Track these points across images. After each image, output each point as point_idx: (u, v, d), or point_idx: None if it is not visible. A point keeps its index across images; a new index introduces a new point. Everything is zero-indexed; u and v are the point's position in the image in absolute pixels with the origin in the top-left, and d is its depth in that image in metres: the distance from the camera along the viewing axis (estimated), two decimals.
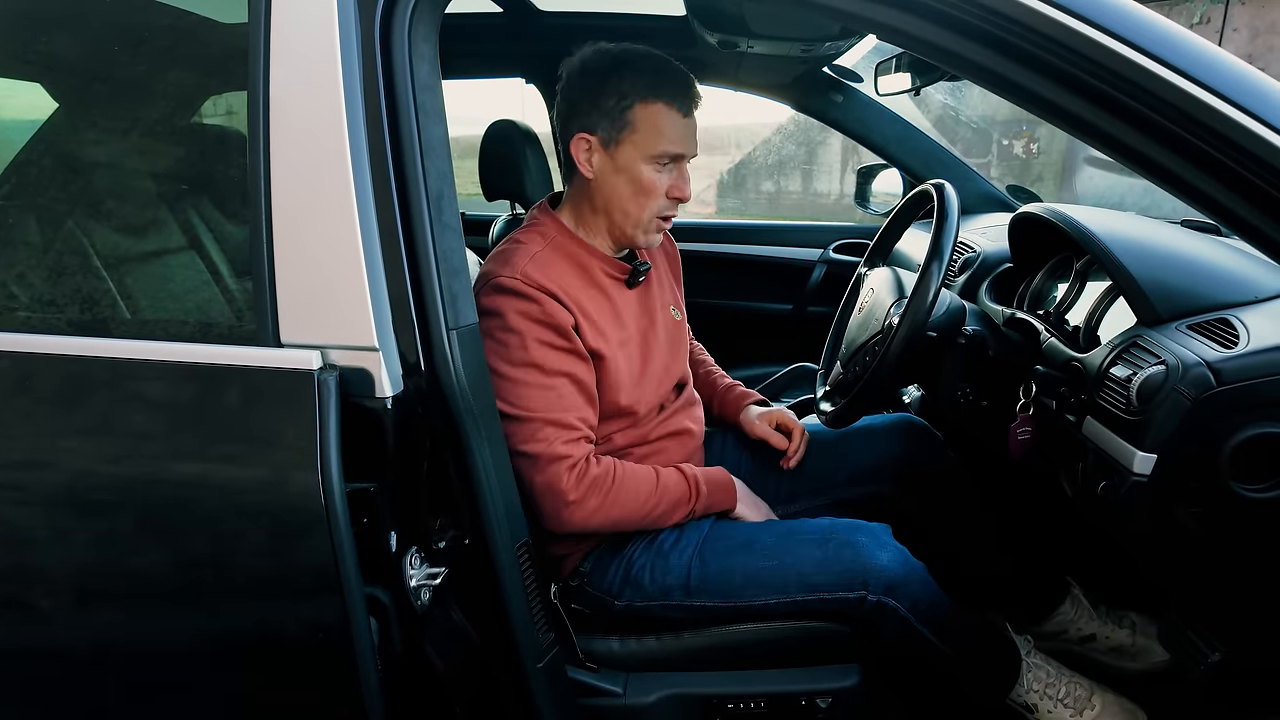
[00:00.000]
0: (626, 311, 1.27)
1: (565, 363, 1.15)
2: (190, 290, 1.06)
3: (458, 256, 0.96)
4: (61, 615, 0.96)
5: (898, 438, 1.46)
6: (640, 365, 1.26)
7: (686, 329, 1.45)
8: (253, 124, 0.88)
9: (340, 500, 0.84)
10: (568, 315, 1.15)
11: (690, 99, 1.17)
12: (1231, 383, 0.94)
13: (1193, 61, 0.81)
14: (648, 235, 1.23)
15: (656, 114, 1.15)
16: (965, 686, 1.26)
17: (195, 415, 0.90)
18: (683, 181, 1.20)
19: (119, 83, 1.03)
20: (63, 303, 0.98)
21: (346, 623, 0.87)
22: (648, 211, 1.20)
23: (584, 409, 1.17)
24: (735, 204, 8.18)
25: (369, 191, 0.89)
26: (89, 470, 0.92)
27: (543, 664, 1.06)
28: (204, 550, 0.91)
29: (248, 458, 0.89)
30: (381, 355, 0.87)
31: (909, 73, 1.93)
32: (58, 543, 0.93)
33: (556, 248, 1.21)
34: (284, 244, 0.88)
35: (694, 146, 1.20)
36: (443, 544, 0.98)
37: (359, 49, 0.89)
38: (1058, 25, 0.81)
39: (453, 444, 0.95)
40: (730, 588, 1.18)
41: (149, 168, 1.04)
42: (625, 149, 1.16)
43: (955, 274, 1.79)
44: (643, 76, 1.14)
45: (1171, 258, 1.17)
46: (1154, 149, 0.84)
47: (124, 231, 1.06)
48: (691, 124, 1.18)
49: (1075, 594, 1.49)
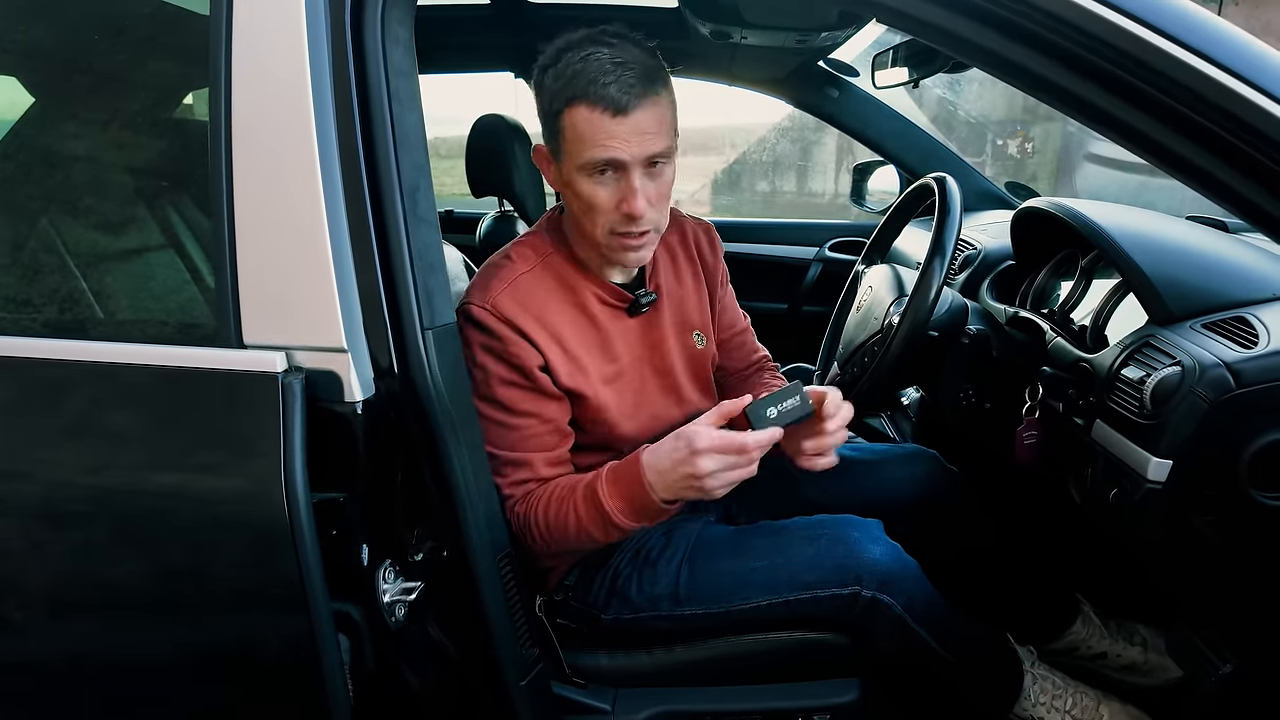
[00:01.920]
0: (621, 342, 1.16)
1: (530, 403, 1.08)
2: (150, 289, 1.01)
3: (434, 252, 0.91)
4: (16, 627, 0.91)
5: (916, 472, 1.37)
6: (631, 402, 1.16)
7: (711, 356, 1.30)
8: (214, 107, 0.82)
9: (305, 511, 0.79)
10: (534, 355, 1.06)
11: (619, 96, 0.97)
12: (1252, 385, 0.90)
13: (1207, 39, 0.76)
14: (617, 254, 1.08)
15: (579, 118, 0.99)
16: (967, 696, 1.22)
17: (153, 420, 0.85)
18: (630, 194, 1.01)
19: (97, 75, 0.99)
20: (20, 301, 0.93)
21: (313, 640, 0.82)
22: (599, 229, 1.05)
23: (549, 449, 1.10)
24: (730, 202, 8.13)
25: (338, 183, 0.83)
26: (38, 479, 0.87)
27: (526, 681, 1.01)
28: (163, 564, 0.86)
29: (208, 466, 0.84)
30: (351, 357, 0.82)
31: (906, 66, 1.89)
32: (11, 553, 0.88)
33: (548, 268, 1.12)
34: (246, 239, 0.82)
35: (636, 149, 0.99)
36: (420, 556, 0.93)
37: (328, 32, 0.84)
38: (1062, 2, 0.76)
39: (429, 450, 0.90)
40: (721, 592, 1.13)
41: (122, 162, 0.99)
42: (565, 160, 1.04)
43: (955, 272, 1.75)
44: (564, 76, 0.99)
45: (1184, 253, 1.13)
46: (1165, 134, 0.80)
47: (92, 228, 1.01)
48: (627, 124, 0.98)
49: (1086, 612, 1.44)
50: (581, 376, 1.10)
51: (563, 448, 1.12)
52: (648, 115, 1.00)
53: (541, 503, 1.06)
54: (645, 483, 0.98)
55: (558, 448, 1.11)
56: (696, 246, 1.29)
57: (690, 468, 0.93)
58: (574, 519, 1.03)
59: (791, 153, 7.99)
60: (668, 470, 0.95)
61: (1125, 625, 1.45)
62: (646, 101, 0.99)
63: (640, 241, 1.07)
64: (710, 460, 0.92)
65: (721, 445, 0.92)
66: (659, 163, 1.03)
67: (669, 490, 0.97)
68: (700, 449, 0.92)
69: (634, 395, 1.17)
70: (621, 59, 0.98)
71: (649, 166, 1.03)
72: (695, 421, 0.96)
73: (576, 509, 1.03)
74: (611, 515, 1.00)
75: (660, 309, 1.21)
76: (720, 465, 0.92)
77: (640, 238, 1.06)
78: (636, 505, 1.00)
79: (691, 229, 1.29)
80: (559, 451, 1.11)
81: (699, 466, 0.92)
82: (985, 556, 1.38)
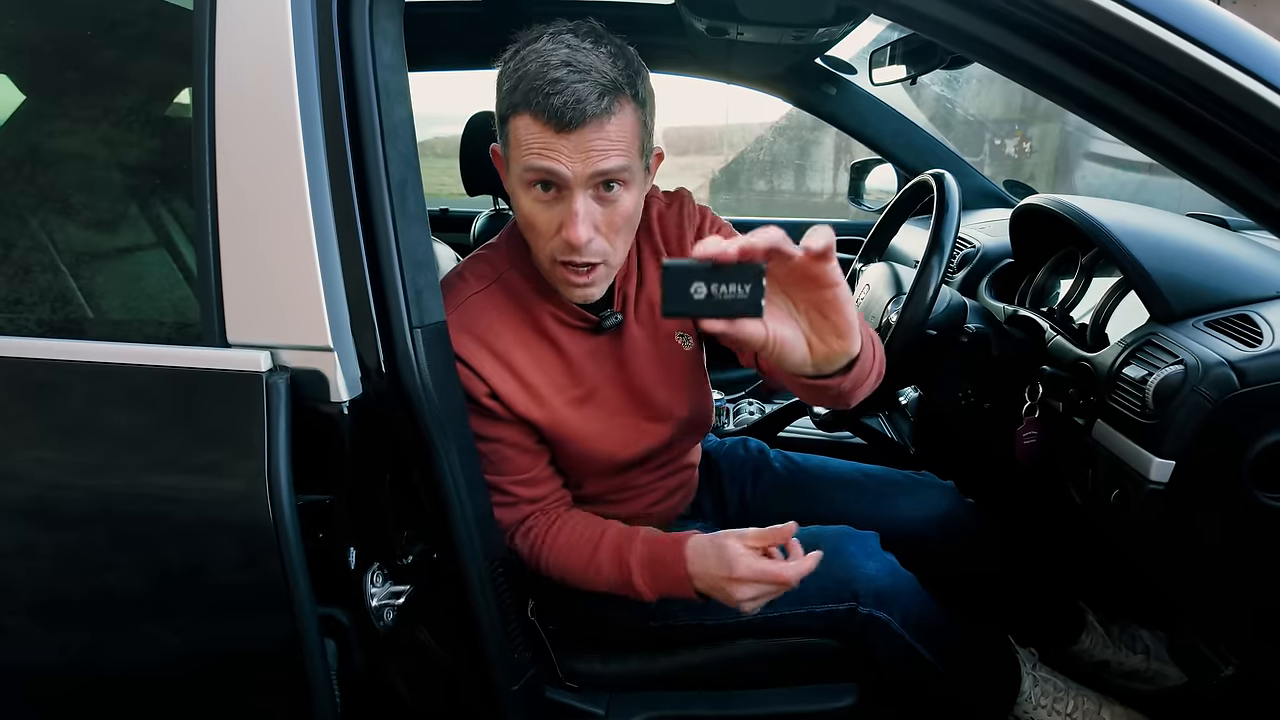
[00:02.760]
0: (589, 363, 1.07)
1: (492, 429, 1.03)
2: (134, 287, 0.99)
3: (423, 248, 0.89)
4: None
5: (932, 507, 1.31)
6: (604, 424, 1.08)
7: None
8: (197, 101, 0.81)
9: (290, 514, 0.77)
10: (478, 384, 1.00)
11: (563, 110, 0.85)
12: (1256, 384, 0.88)
13: (1210, 31, 0.74)
14: (561, 287, 0.98)
15: (522, 125, 0.89)
16: (964, 701, 1.21)
17: (134, 420, 0.83)
18: (569, 218, 0.89)
19: (89, 71, 0.97)
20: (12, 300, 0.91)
21: (299, 644, 0.80)
22: (543, 254, 0.95)
23: (525, 470, 1.07)
24: (729, 201, 8.12)
25: (324, 178, 0.81)
26: (19, 479, 0.85)
27: (518, 686, 0.99)
28: (145, 566, 0.84)
29: (191, 467, 0.82)
30: (337, 356, 0.80)
31: (904, 63, 1.87)
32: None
33: (504, 286, 1.04)
34: (230, 236, 0.81)
35: (580, 166, 0.88)
36: (409, 559, 0.91)
37: (314, 26, 0.82)
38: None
39: (418, 451, 0.88)
40: (713, 605, 1.11)
41: (110, 158, 0.98)
42: (510, 167, 0.94)
43: (954, 270, 1.74)
44: (513, 79, 0.89)
45: (1186, 250, 1.11)
46: (1168, 128, 0.78)
47: (78, 225, 0.99)
48: (571, 140, 0.87)
49: (1090, 622, 1.42)
50: (536, 404, 1.04)
51: (536, 468, 1.09)
52: (598, 132, 0.87)
53: (549, 541, 1.06)
54: (688, 575, 0.98)
55: (531, 469, 1.08)
56: (662, 231, 1.11)
57: (729, 587, 0.95)
58: (592, 573, 1.04)
59: (790, 151, 7.98)
60: (705, 575, 0.97)
61: (1128, 631, 1.43)
62: (598, 118, 0.87)
63: (586, 279, 0.95)
64: (749, 589, 0.94)
65: (758, 576, 0.94)
66: (613, 185, 0.91)
67: (706, 588, 0.98)
68: (739, 578, 0.94)
69: (608, 416, 1.09)
70: (576, 64, 0.86)
71: (599, 189, 0.91)
72: (735, 539, 0.96)
73: (598, 566, 1.04)
74: (638, 587, 1.01)
75: (632, 322, 1.10)
76: (757, 592, 0.95)
77: (587, 273, 0.94)
78: (665, 588, 1.01)
79: (657, 210, 1.12)
80: (534, 472, 1.08)
81: (737, 592, 0.94)
82: (995, 579, 1.35)
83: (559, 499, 1.12)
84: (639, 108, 0.92)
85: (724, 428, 1.94)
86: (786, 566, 0.94)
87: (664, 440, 1.13)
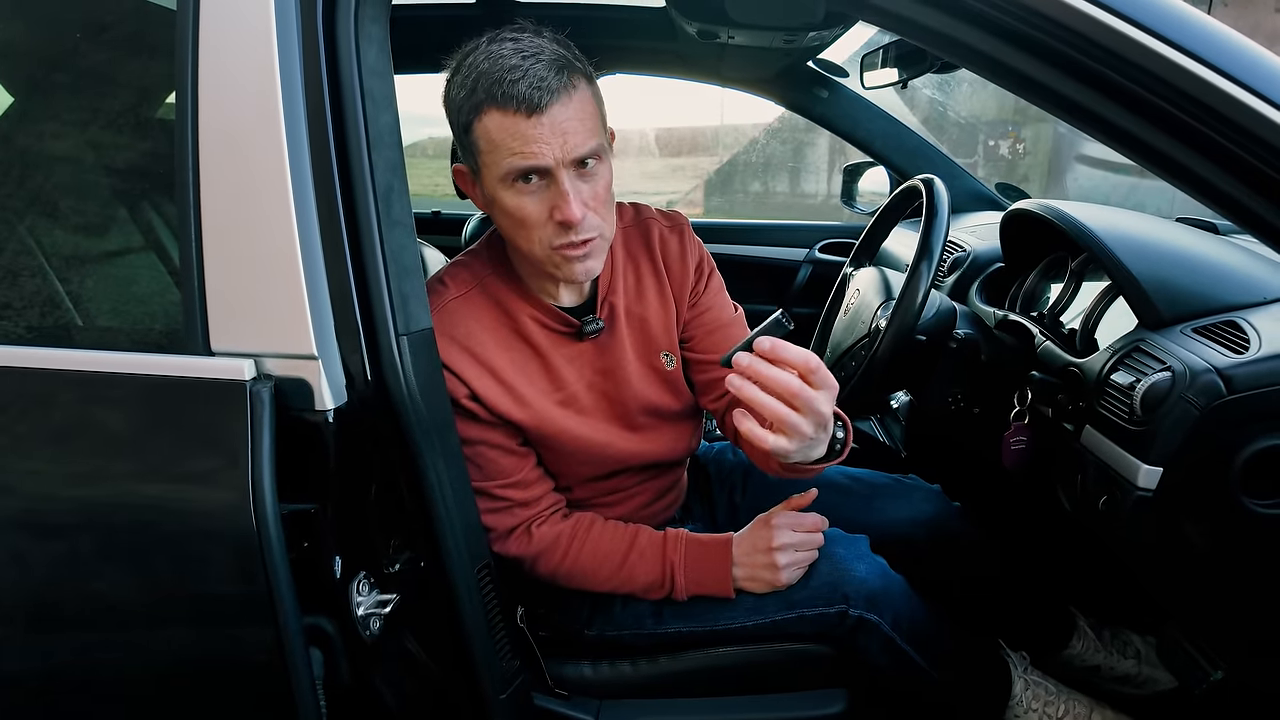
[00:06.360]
0: (569, 368, 1.08)
1: (474, 430, 1.04)
2: (117, 294, 0.98)
3: (409, 255, 0.88)
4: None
5: (920, 511, 1.32)
6: (587, 427, 1.09)
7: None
8: (180, 105, 0.80)
9: (274, 523, 0.77)
10: (459, 386, 1.01)
11: (530, 93, 0.87)
12: (1243, 390, 0.88)
13: (1197, 39, 0.74)
14: (562, 269, 0.98)
15: (491, 125, 0.90)
16: (955, 705, 1.20)
17: (116, 429, 0.82)
18: (562, 199, 0.91)
19: (76, 73, 0.96)
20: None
21: (283, 654, 0.80)
22: (537, 245, 0.95)
23: (511, 474, 1.07)
24: (722, 203, 8.12)
25: (308, 184, 0.81)
26: (3, 488, 0.85)
27: (507, 694, 0.99)
28: (129, 575, 0.83)
29: (174, 476, 0.81)
30: (321, 364, 0.80)
31: (895, 66, 1.87)
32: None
33: (484, 290, 1.05)
34: (213, 243, 0.80)
35: (559, 151, 0.90)
36: (396, 567, 0.90)
37: (299, 29, 0.81)
38: (1051, 1, 0.74)
39: (404, 459, 0.88)
40: (704, 610, 1.11)
41: (98, 162, 0.97)
42: (484, 175, 0.94)
43: (944, 274, 1.74)
44: (468, 83, 0.90)
45: (1174, 256, 1.11)
46: (1153, 134, 0.78)
47: (64, 230, 0.98)
48: (545, 123, 0.88)
49: (1081, 627, 1.42)
50: (518, 405, 1.04)
51: (522, 471, 1.09)
52: (566, 110, 0.89)
53: (575, 546, 1.09)
54: (730, 573, 1.10)
55: (517, 472, 1.08)
56: (664, 254, 1.15)
57: (771, 558, 1.09)
58: (625, 573, 1.10)
59: (784, 153, 7.99)
60: (747, 561, 1.10)
61: (1119, 636, 1.43)
62: (562, 95, 0.89)
63: (584, 250, 0.96)
64: (786, 555, 1.09)
65: (795, 524, 1.11)
66: (589, 162, 0.93)
67: (747, 575, 1.10)
68: (780, 545, 1.08)
69: (588, 421, 1.10)
70: (527, 50, 0.89)
71: (578, 168, 0.93)
72: (764, 518, 1.12)
73: (632, 566, 1.10)
74: (676, 585, 1.10)
75: (618, 333, 1.11)
76: (793, 555, 1.09)
77: (583, 245, 0.95)
78: (705, 587, 1.11)
79: (659, 233, 1.15)
80: (520, 475, 1.08)
81: (779, 559, 1.08)
82: (984, 583, 1.36)
83: (553, 502, 1.12)
84: (590, 83, 0.95)
85: (713, 432, 1.94)
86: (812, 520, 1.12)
87: (642, 451, 1.15)
